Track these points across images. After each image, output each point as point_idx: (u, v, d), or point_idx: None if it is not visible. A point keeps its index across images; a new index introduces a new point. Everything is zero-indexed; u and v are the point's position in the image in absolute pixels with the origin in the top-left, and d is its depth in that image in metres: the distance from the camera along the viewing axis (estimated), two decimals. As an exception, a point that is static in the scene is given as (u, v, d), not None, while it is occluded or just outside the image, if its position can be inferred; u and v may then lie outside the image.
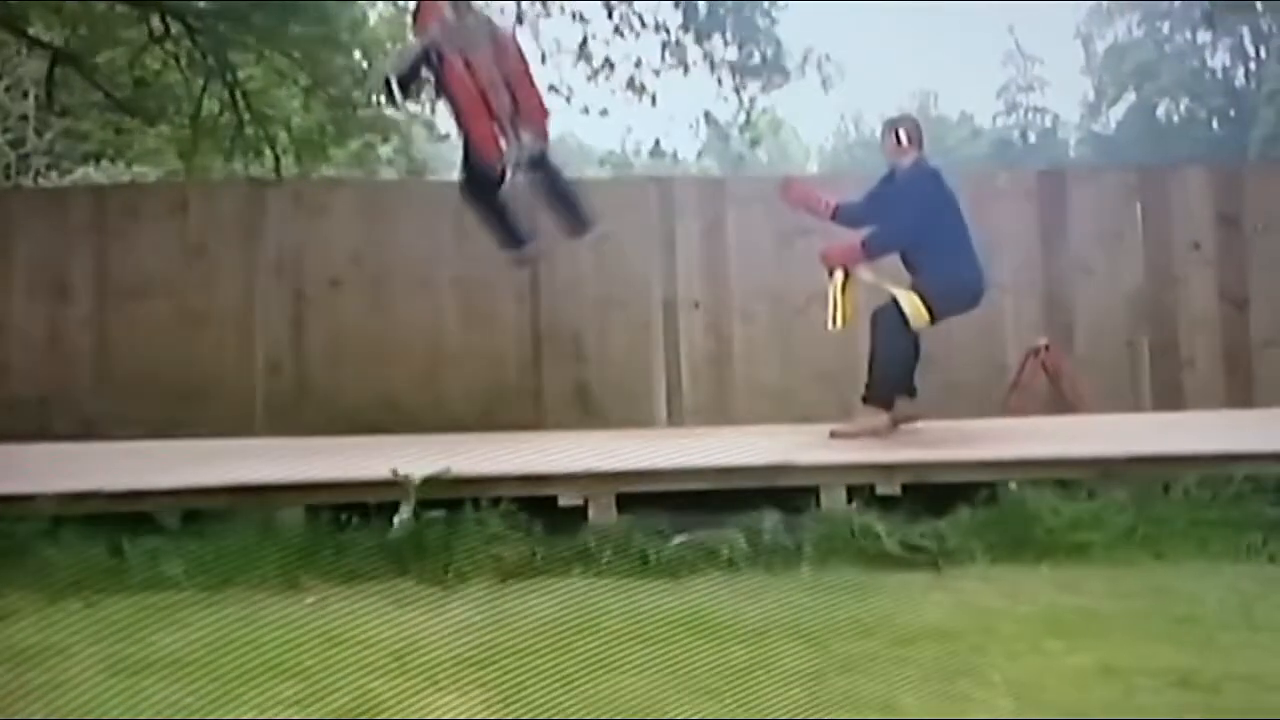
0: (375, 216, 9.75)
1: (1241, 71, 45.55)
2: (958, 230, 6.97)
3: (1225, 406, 9.42)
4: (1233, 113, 43.28)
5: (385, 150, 18.48)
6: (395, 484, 5.33)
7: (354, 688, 3.71)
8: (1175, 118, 45.50)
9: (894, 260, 7.07)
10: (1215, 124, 44.02)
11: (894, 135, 7.08)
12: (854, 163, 46.69)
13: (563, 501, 5.54)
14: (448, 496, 5.37)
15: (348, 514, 5.36)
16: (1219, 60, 46.38)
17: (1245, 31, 44.36)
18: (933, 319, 6.85)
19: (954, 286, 6.94)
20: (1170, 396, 9.68)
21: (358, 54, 15.64)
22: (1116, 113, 47.82)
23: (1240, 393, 9.66)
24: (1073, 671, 3.91)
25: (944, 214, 6.95)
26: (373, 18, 16.03)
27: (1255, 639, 4.26)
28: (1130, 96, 46.68)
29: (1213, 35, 45.26)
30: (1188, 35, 46.31)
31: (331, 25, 14.23)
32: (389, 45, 15.47)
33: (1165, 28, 46.46)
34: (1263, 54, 43.44)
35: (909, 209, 6.95)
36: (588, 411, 9.40)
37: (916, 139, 7.07)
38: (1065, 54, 65.37)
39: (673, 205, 9.85)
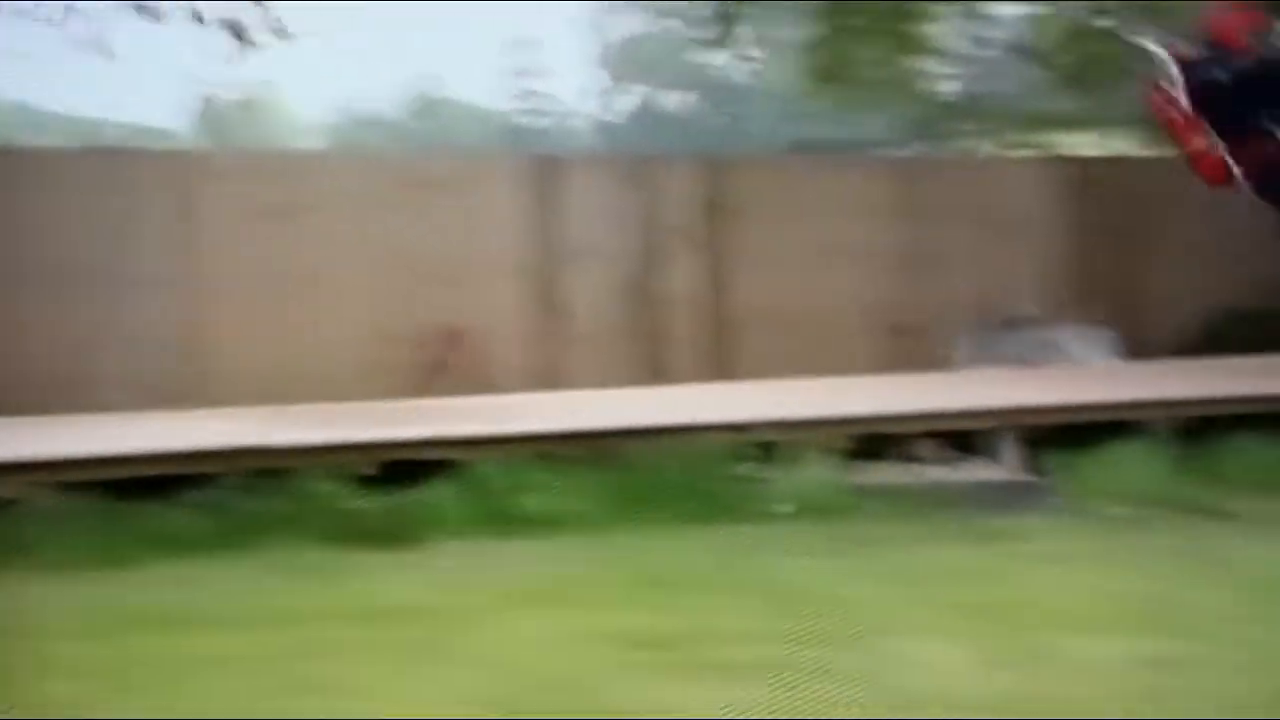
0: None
1: (745, 71, 48.55)
2: None
3: (711, 380, 9.87)
4: (732, 110, 46.08)
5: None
6: None
7: None
8: (681, 112, 48.02)
9: None
10: (717, 119, 46.74)
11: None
12: (354, 140, 45.55)
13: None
14: None
15: None
16: (723, 59, 49.25)
17: (750, 33, 47.33)
18: None
19: None
20: (662, 373, 10.05)
21: None
22: (629, 103, 49.94)
23: (725, 368, 10.16)
24: (536, 640, 3.98)
25: None
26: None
27: (716, 599, 4.50)
28: (641, 89, 48.87)
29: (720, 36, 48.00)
30: (696, 34, 48.97)
31: None
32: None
33: (675, 26, 48.96)
34: (764, 56, 46.58)
35: None
36: (31, 397, 8.35)
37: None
38: (581, 45, 66.88)
39: (140, 180, 9.06)
